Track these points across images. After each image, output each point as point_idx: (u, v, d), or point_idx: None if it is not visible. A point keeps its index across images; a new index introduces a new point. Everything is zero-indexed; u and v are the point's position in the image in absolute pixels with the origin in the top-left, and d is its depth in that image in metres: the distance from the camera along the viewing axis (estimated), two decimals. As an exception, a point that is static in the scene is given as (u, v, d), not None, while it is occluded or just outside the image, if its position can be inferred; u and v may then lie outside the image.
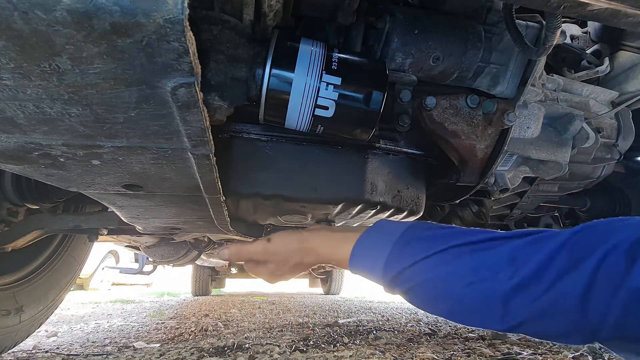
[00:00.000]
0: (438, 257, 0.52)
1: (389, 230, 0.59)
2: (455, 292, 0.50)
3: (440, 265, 0.52)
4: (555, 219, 1.62)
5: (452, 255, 0.51)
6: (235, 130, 0.76)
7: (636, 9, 0.49)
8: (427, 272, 0.52)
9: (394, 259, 0.55)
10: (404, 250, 0.55)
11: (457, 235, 0.54)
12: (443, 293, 0.52)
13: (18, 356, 1.59)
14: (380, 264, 0.56)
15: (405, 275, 0.54)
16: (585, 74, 1.08)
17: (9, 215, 1.27)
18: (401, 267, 0.54)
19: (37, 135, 0.49)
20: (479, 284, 0.48)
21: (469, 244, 0.52)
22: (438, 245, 0.53)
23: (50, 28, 0.33)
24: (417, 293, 0.54)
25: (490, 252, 0.50)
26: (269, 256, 0.71)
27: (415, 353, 1.57)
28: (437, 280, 0.52)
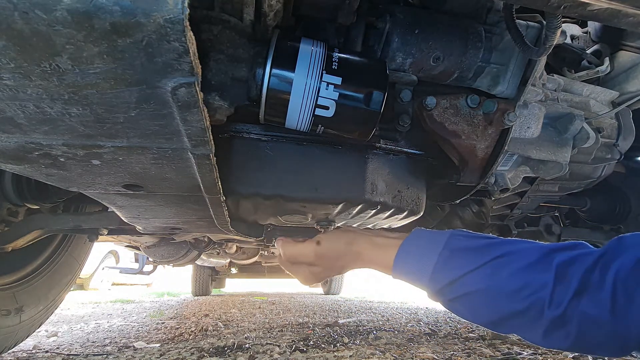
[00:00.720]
0: (484, 270, 0.55)
1: (432, 240, 0.62)
2: (501, 305, 0.53)
3: (487, 278, 0.54)
4: (556, 219, 1.62)
5: (497, 268, 0.54)
6: (236, 130, 0.76)
7: (636, 8, 0.49)
8: (474, 284, 0.55)
9: (441, 270, 0.58)
10: (450, 262, 0.58)
11: (498, 246, 0.56)
12: (490, 305, 0.54)
13: (18, 356, 1.59)
14: (426, 274, 0.59)
15: (453, 287, 0.56)
16: (586, 74, 1.08)
17: (9, 215, 1.27)
18: (449, 280, 0.57)
19: (38, 135, 0.49)
20: (525, 300, 0.50)
21: (511, 255, 0.54)
22: (482, 257, 0.56)
23: (51, 28, 0.33)
24: (463, 303, 0.57)
25: (534, 268, 0.52)
26: (318, 259, 0.73)
27: (415, 353, 1.57)
28: (484, 293, 0.54)
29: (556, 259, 0.51)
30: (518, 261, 0.53)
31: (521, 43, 0.71)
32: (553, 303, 0.48)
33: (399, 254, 0.63)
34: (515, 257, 0.54)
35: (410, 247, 0.63)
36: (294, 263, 0.76)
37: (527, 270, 0.52)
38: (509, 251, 0.55)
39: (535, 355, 1.50)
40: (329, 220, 0.98)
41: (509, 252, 0.54)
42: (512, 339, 1.81)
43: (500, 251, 0.55)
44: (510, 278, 0.52)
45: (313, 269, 0.74)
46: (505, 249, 0.55)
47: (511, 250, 0.55)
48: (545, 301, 0.49)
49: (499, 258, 0.54)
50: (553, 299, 0.48)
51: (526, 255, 0.53)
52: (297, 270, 0.77)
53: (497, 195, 1.03)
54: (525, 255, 0.53)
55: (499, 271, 0.53)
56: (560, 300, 0.48)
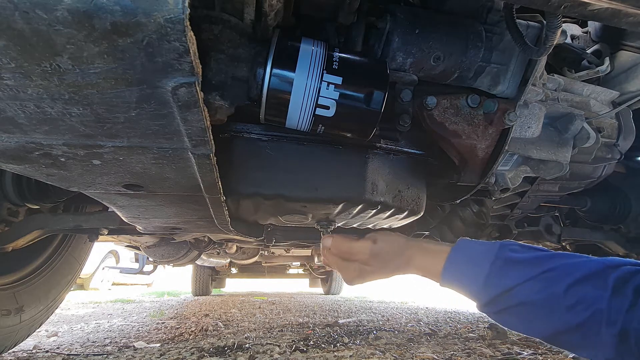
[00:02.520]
0: (538, 282, 0.54)
1: (483, 249, 0.62)
2: (556, 319, 0.52)
3: (541, 291, 0.54)
4: (556, 219, 1.62)
5: (552, 280, 0.54)
6: (236, 130, 0.76)
7: (637, 8, 0.49)
8: (527, 296, 0.54)
9: (493, 280, 0.58)
10: (502, 272, 0.57)
11: (551, 259, 0.56)
12: (543, 318, 0.54)
13: (18, 356, 1.59)
14: (478, 283, 0.59)
15: (505, 297, 0.56)
16: (586, 74, 1.08)
17: (9, 215, 1.27)
18: (501, 290, 0.56)
19: (38, 135, 0.49)
20: (580, 314, 0.50)
21: (565, 268, 0.54)
22: (535, 268, 0.55)
23: (51, 28, 0.33)
24: (515, 315, 0.57)
25: (589, 282, 0.51)
26: (372, 258, 0.72)
27: (415, 353, 1.57)
28: (538, 305, 0.54)
29: (613, 275, 0.50)
30: (573, 274, 0.52)
31: (521, 43, 0.71)
32: (610, 320, 0.47)
33: (448, 261, 0.63)
34: (570, 270, 0.53)
35: (461, 256, 0.63)
36: (346, 260, 0.75)
37: (583, 283, 0.51)
38: (563, 264, 0.54)
39: (536, 355, 1.50)
40: (329, 220, 0.98)
41: (563, 265, 0.54)
42: (512, 339, 1.81)
43: (554, 264, 0.55)
44: (565, 291, 0.52)
45: (365, 267, 0.73)
46: (559, 262, 0.55)
47: (565, 263, 0.54)
48: (602, 318, 0.48)
49: (553, 271, 0.54)
50: (611, 316, 0.47)
51: (581, 269, 0.53)
52: (347, 268, 0.76)
53: (498, 195, 1.03)
54: (580, 269, 0.53)
55: (554, 284, 0.53)
56: (617, 317, 0.47)
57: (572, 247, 1.91)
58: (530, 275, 0.55)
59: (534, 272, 0.55)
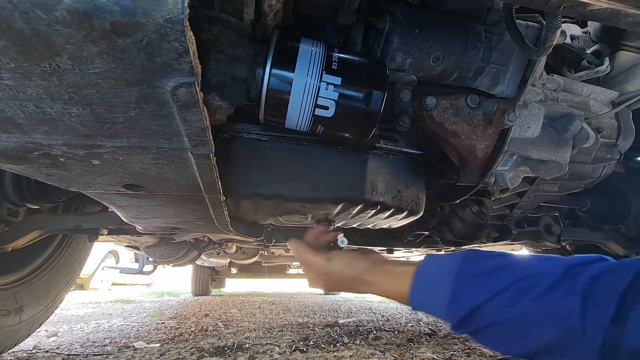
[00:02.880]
0: (504, 297, 0.51)
1: (444, 267, 0.58)
2: (531, 337, 0.49)
3: (508, 307, 0.50)
4: (556, 219, 1.62)
5: (518, 294, 0.50)
6: (236, 130, 0.76)
7: (636, 8, 0.49)
8: (495, 315, 0.51)
9: (458, 300, 0.54)
10: (467, 290, 0.54)
11: (514, 268, 0.53)
12: (518, 337, 0.50)
13: (18, 356, 1.59)
14: (443, 304, 0.55)
15: (474, 318, 0.52)
16: (586, 74, 1.08)
17: (9, 215, 1.27)
18: (468, 310, 0.53)
19: (38, 135, 0.49)
20: (554, 328, 0.47)
21: (530, 278, 0.50)
22: (499, 282, 0.52)
23: (51, 28, 0.33)
24: (488, 336, 0.53)
25: (557, 290, 0.48)
26: (324, 275, 0.72)
27: (415, 353, 1.57)
28: (509, 324, 0.50)
29: (580, 278, 0.47)
30: (539, 284, 0.49)
31: (521, 43, 0.71)
32: (587, 333, 0.44)
33: (413, 284, 0.59)
34: (535, 279, 0.50)
35: (425, 276, 0.60)
36: (304, 265, 0.76)
37: (550, 293, 0.48)
38: (527, 274, 0.51)
39: (535, 355, 1.50)
40: (328, 220, 0.98)
41: (527, 276, 0.51)
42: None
43: (518, 274, 0.51)
44: (533, 305, 0.48)
45: (320, 280, 0.74)
46: (523, 272, 0.51)
47: (529, 272, 0.51)
48: (578, 331, 0.44)
49: (518, 282, 0.50)
50: (586, 329, 0.44)
51: (546, 276, 0.49)
52: (306, 272, 0.77)
53: (497, 195, 1.03)
54: (545, 276, 0.49)
55: (520, 297, 0.49)
56: (596, 330, 0.43)
57: (572, 247, 1.91)
58: (498, 289, 0.51)
59: (501, 284, 0.51)
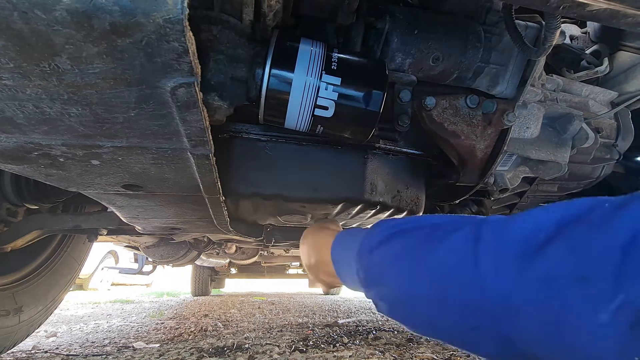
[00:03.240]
0: (396, 240, 0.50)
1: (357, 230, 0.60)
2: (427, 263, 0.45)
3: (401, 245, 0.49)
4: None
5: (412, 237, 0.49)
6: (235, 130, 0.76)
7: (635, 9, 0.49)
8: (388, 254, 0.49)
9: (363, 247, 0.54)
10: (368, 237, 0.54)
11: (419, 219, 0.52)
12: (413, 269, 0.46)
13: (17, 356, 1.59)
14: (353, 254, 0.55)
15: (371, 258, 0.52)
16: (585, 74, 1.08)
17: (8, 215, 1.27)
18: (367, 248, 0.53)
19: (37, 135, 0.49)
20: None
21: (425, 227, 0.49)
22: (394, 228, 0.51)
23: (50, 28, 0.33)
24: (387, 281, 0.50)
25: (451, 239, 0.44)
26: (302, 252, 0.76)
27: (415, 353, 1.57)
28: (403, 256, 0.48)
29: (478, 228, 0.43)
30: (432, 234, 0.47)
31: (520, 43, 0.71)
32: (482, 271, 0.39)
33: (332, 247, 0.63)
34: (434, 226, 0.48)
35: (340, 240, 0.63)
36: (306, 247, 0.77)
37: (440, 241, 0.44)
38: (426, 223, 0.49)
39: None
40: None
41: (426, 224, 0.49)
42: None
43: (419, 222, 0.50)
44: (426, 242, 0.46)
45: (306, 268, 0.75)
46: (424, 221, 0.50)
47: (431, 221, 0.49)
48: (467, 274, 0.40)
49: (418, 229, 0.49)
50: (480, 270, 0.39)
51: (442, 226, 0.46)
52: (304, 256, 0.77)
53: (497, 195, 1.03)
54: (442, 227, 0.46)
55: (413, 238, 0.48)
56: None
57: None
58: (386, 234, 0.51)
59: (390, 230, 0.51)
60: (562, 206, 0.37)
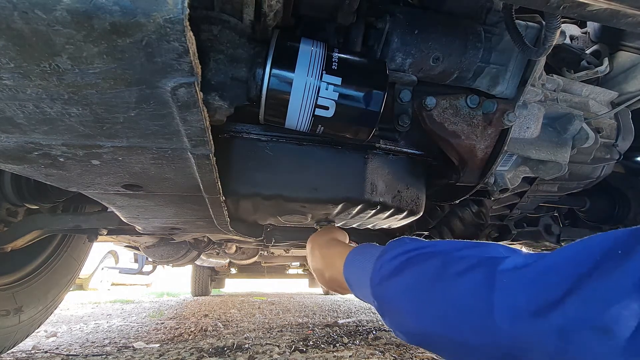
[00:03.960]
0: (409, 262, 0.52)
1: (373, 247, 0.62)
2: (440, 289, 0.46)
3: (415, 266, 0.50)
4: (555, 219, 1.62)
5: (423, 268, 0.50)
6: (235, 131, 0.76)
7: (635, 9, 0.49)
8: (400, 279, 0.51)
9: (379, 264, 0.56)
10: (379, 266, 0.56)
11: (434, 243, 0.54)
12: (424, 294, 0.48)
13: (17, 356, 1.59)
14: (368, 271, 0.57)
15: (383, 290, 0.53)
16: (585, 74, 1.08)
17: (8, 215, 1.27)
18: (379, 268, 0.55)
19: (37, 135, 0.49)
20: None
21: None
22: (405, 250, 0.54)
23: (50, 28, 0.33)
24: (395, 301, 0.52)
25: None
26: (309, 255, 0.82)
27: (415, 353, 1.57)
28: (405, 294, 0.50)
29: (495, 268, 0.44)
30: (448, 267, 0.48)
31: (521, 43, 0.71)
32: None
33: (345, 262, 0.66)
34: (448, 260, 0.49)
35: (355, 255, 0.66)
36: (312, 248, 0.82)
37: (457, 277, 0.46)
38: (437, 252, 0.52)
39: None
40: (328, 221, 0.98)
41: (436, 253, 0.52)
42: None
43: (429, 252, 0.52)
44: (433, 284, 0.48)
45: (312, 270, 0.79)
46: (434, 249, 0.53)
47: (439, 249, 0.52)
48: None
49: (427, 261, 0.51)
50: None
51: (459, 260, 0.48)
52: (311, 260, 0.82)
53: (497, 196, 1.03)
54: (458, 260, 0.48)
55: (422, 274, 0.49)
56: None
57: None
58: (398, 252, 0.53)
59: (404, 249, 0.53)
60: (581, 253, 0.37)
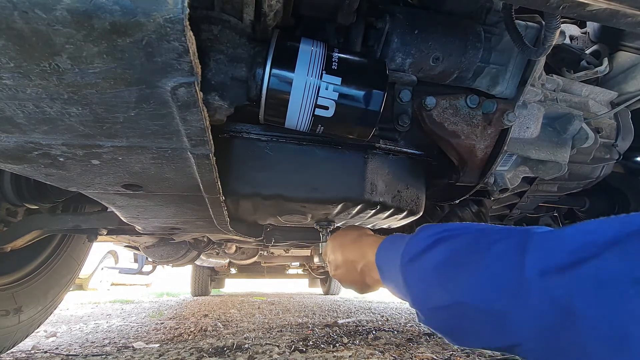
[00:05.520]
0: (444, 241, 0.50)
1: (404, 236, 0.61)
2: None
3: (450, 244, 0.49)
4: (555, 219, 1.62)
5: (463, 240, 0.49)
6: (235, 130, 0.76)
7: (635, 9, 0.49)
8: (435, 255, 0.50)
9: (409, 246, 0.55)
10: (410, 245, 0.55)
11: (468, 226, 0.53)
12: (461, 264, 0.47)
13: (17, 356, 1.59)
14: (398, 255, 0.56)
15: (414, 267, 0.52)
16: (585, 74, 1.08)
17: (8, 215, 1.27)
18: (413, 252, 0.53)
19: (37, 135, 0.49)
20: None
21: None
22: (441, 231, 0.52)
23: (50, 27, 0.33)
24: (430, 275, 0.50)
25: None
26: (332, 254, 0.82)
27: (414, 353, 1.57)
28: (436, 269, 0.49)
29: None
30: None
31: (520, 43, 0.71)
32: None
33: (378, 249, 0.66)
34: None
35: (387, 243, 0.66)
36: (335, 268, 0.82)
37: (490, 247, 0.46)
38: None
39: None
40: (328, 220, 0.98)
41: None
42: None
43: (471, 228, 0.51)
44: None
45: (333, 269, 0.82)
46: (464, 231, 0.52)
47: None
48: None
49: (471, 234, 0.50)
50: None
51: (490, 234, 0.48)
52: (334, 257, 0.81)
53: (497, 195, 1.03)
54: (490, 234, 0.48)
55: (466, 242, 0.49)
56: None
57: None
58: (435, 237, 0.52)
59: (437, 235, 0.52)
60: (617, 221, 0.36)
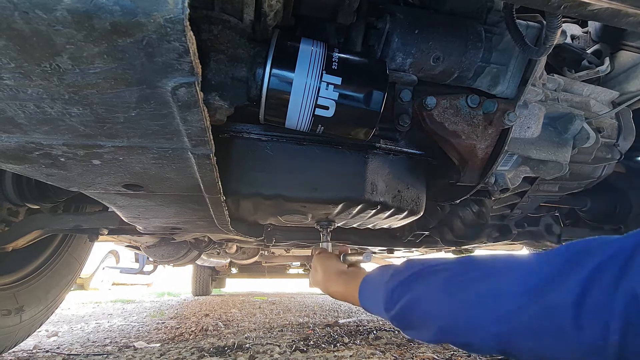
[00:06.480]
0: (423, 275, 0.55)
1: (386, 269, 0.64)
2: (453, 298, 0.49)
3: (431, 277, 0.54)
4: (556, 219, 1.62)
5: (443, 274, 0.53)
6: (236, 130, 0.76)
7: (637, 8, 0.49)
8: (417, 286, 0.54)
9: (391, 282, 0.59)
10: (398, 274, 0.59)
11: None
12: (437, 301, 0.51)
13: (19, 356, 1.59)
14: (382, 292, 0.60)
15: (398, 291, 0.56)
16: (586, 74, 1.08)
17: (9, 215, 1.27)
18: (394, 284, 0.57)
19: (38, 135, 0.49)
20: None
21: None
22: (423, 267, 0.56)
23: (51, 28, 0.33)
24: (411, 308, 0.54)
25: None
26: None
27: (415, 353, 1.57)
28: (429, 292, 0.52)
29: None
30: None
31: (521, 43, 0.71)
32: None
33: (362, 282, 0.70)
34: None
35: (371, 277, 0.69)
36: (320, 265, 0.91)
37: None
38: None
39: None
40: (329, 220, 0.98)
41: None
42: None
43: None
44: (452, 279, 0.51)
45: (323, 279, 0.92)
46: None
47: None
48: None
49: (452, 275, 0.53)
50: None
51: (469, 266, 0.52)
52: (315, 270, 0.92)
53: (497, 195, 1.03)
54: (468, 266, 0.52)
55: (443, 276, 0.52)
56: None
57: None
58: (414, 271, 0.56)
59: (417, 268, 0.56)
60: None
